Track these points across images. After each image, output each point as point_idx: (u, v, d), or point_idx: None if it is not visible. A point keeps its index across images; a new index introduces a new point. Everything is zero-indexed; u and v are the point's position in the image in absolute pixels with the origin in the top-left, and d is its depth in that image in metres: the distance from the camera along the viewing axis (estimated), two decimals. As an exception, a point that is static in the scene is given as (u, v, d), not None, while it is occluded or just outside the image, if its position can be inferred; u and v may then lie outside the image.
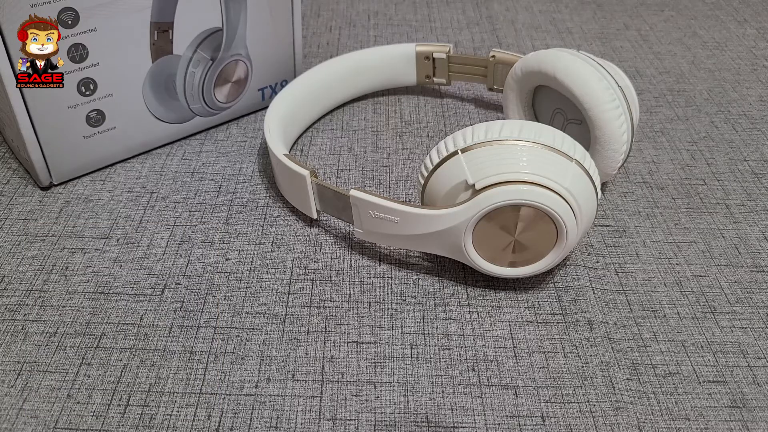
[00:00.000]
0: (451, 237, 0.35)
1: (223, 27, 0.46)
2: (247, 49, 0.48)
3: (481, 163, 0.34)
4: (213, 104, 0.49)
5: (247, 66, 0.49)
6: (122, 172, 0.45)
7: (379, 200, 0.36)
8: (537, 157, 0.34)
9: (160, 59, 0.44)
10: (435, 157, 0.36)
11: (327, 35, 0.62)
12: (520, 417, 0.32)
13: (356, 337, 0.35)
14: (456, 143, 0.35)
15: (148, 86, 0.45)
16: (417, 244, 0.38)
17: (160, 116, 0.46)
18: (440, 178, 0.36)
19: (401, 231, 0.37)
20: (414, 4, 0.68)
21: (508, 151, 0.34)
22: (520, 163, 0.34)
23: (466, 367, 0.34)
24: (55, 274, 0.38)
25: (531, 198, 0.33)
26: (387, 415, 0.32)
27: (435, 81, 0.53)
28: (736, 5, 0.70)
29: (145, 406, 0.32)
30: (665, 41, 0.63)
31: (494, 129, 0.35)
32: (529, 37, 0.63)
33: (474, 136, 0.35)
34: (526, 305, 0.37)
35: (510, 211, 0.34)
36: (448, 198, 0.36)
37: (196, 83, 0.47)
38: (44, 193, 0.43)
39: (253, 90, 0.50)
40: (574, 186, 0.34)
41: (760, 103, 0.55)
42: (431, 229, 0.36)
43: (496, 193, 0.34)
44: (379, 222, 0.37)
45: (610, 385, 0.33)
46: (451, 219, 0.35)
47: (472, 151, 0.35)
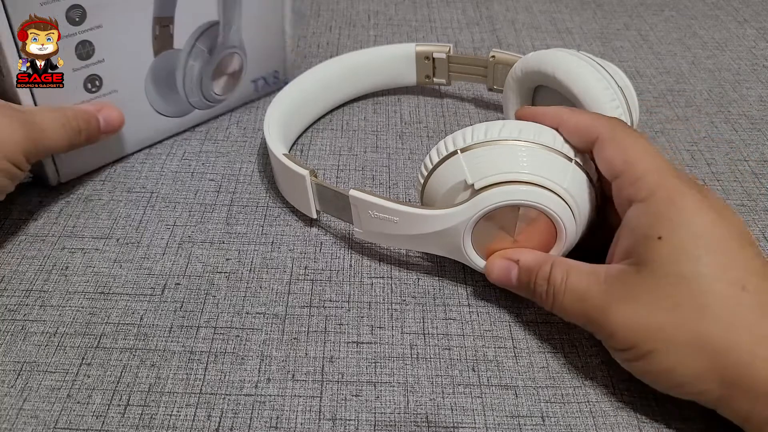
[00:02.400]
0: (451, 237, 0.35)
1: (220, 19, 0.46)
2: (241, 41, 0.48)
3: (480, 163, 0.34)
4: (210, 97, 0.49)
5: (241, 58, 0.49)
6: (122, 172, 0.45)
7: (378, 200, 0.36)
8: (536, 157, 0.34)
9: (161, 54, 0.44)
10: (435, 156, 0.36)
11: (327, 35, 0.62)
12: (520, 417, 0.32)
13: (356, 337, 0.35)
14: (456, 143, 0.35)
15: (150, 81, 0.45)
16: (417, 244, 0.38)
17: (161, 111, 0.47)
18: (440, 177, 0.36)
19: (401, 231, 0.36)
20: (414, 4, 0.68)
21: (507, 152, 0.34)
22: (519, 164, 0.34)
23: (466, 367, 0.34)
24: (55, 274, 0.38)
25: (530, 198, 0.33)
26: (387, 415, 0.32)
27: (435, 81, 0.53)
28: (736, 5, 0.70)
29: (145, 406, 0.32)
30: (665, 41, 0.63)
31: (494, 129, 0.35)
32: (529, 37, 0.63)
33: (474, 135, 0.35)
34: (526, 305, 0.37)
35: (509, 211, 0.34)
36: (447, 198, 0.36)
37: (195, 76, 0.47)
38: (44, 192, 0.43)
39: (247, 81, 0.51)
40: (574, 186, 0.34)
41: (760, 103, 0.55)
42: (430, 230, 0.36)
43: (494, 193, 0.33)
44: (379, 222, 0.37)
45: (610, 385, 0.33)
46: (449, 219, 0.35)
47: (472, 151, 0.35)
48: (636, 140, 0.33)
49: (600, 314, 0.31)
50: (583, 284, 0.32)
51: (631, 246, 0.31)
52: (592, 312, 0.31)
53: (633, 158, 0.32)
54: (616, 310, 0.30)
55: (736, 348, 0.28)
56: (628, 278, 0.30)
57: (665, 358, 0.29)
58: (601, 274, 0.32)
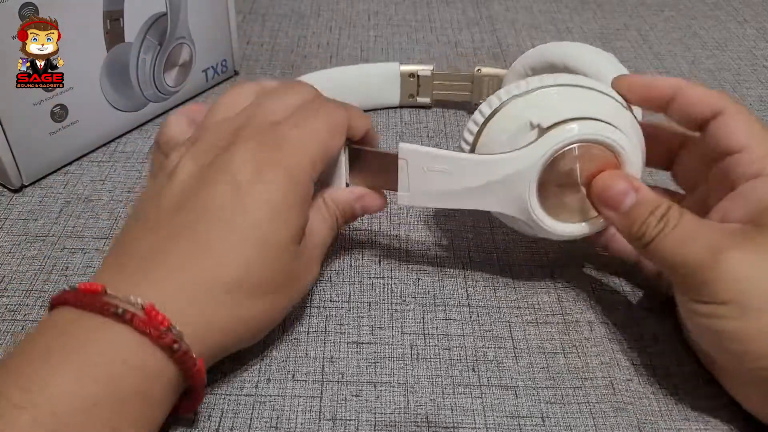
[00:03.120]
0: (515, 186, 0.33)
1: (167, 10, 0.47)
2: (189, 31, 0.49)
3: (543, 105, 0.33)
4: (164, 89, 0.50)
5: (191, 48, 0.50)
6: (122, 172, 0.45)
7: (438, 151, 0.33)
8: (598, 99, 0.33)
9: (114, 48, 0.45)
10: (486, 109, 0.34)
11: (327, 35, 0.62)
12: (520, 417, 0.32)
13: (356, 337, 0.35)
14: (510, 92, 0.34)
15: (105, 76, 0.45)
16: (475, 199, 0.34)
17: (117, 105, 0.47)
18: (496, 127, 0.34)
19: (460, 184, 0.34)
20: (414, 4, 0.68)
21: (569, 93, 0.33)
22: (584, 104, 0.33)
23: (466, 368, 0.34)
24: (55, 274, 0.38)
25: (604, 133, 0.32)
26: (387, 416, 0.32)
27: (419, 101, 0.52)
28: (736, 5, 0.70)
29: (145, 406, 0.32)
30: (665, 41, 0.63)
31: (549, 78, 0.34)
32: (529, 37, 0.63)
33: (529, 84, 0.34)
34: (526, 305, 0.37)
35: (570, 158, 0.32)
36: (509, 146, 0.33)
37: (148, 69, 0.47)
38: (44, 192, 0.43)
39: (198, 72, 0.52)
40: (634, 133, 0.34)
41: (760, 103, 0.55)
42: (496, 176, 0.33)
43: (565, 130, 0.32)
44: (434, 178, 0.34)
45: (610, 386, 0.33)
46: (518, 162, 0.32)
47: (528, 96, 0.33)
48: (758, 121, 0.33)
49: (709, 256, 0.29)
50: (699, 225, 0.30)
51: (753, 212, 0.31)
52: (699, 254, 0.29)
53: (760, 135, 0.32)
54: (731, 256, 0.28)
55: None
56: (751, 233, 0.29)
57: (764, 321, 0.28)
58: (715, 225, 0.31)
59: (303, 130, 0.32)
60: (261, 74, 0.56)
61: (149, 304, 0.27)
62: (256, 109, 0.34)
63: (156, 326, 0.26)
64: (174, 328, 0.27)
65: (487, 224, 0.42)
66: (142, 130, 0.49)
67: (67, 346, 0.26)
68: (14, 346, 0.27)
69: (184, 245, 0.29)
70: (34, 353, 0.26)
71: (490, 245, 0.41)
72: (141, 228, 0.31)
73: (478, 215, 0.43)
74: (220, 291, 0.29)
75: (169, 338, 0.27)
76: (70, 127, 0.44)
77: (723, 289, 0.28)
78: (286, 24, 0.64)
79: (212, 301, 0.29)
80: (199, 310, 0.28)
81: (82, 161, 0.46)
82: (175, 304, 0.28)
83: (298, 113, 0.33)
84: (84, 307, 0.27)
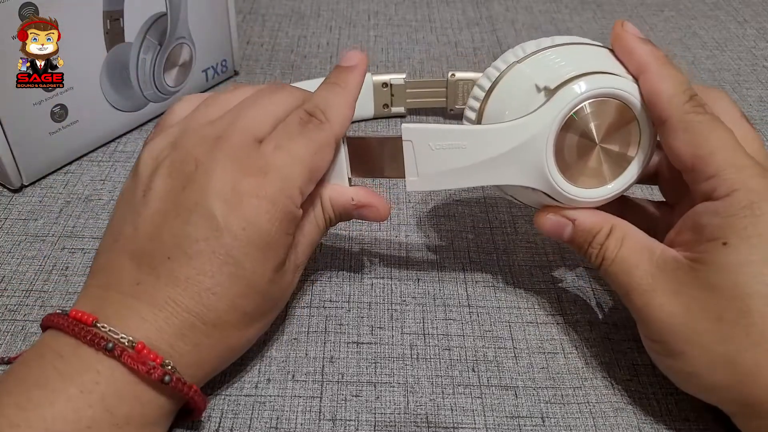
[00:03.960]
0: (531, 154, 0.31)
1: (167, 10, 0.47)
2: (189, 31, 0.49)
3: (546, 67, 0.31)
4: (164, 89, 0.49)
5: (191, 48, 0.50)
6: (122, 172, 0.45)
7: (442, 126, 0.32)
8: (600, 54, 0.32)
9: (114, 48, 0.45)
10: (485, 82, 0.33)
11: (327, 35, 0.62)
12: (520, 417, 0.32)
13: (356, 337, 0.35)
14: (507, 60, 0.32)
15: (105, 76, 0.45)
16: (489, 174, 0.32)
17: (117, 105, 0.47)
18: (500, 96, 0.32)
19: (470, 160, 0.31)
20: (414, 4, 0.68)
21: (570, 51, 0.32)
22: (588, 59, 0.31)
23: (466, 368, 0.34)
24: (55, 274, 0.38)
25: (617, 85, 0.30)
26: (387, 416, 0.32)
27: (393, 111, 0.51)
28: (736, 5, 0.70)
29: (145, 406, 0.32)
30: (665, 41, 0.63)
31: (546, 40, 0.32)
32: (529, 37, 0.63)
33: (525, 49, 0.32)
34: (526, 305, 0.37)
35: (583, 117, 0.31)
36: (516, 113, 0.31)
37: (148, 69, 0.47)
38: (44, 192, 0.43)
39: (198, 72, 0.52)
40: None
41: (760, 103, 0.55)
42: (507, 147, 0.31)
43: (574, 87, 0.30)
44: (442, 155, 0.32)
45: (610, 386, 0.33)
46: (529, 127, 0.30)
47: (529, 60, 0.32)
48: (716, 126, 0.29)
49: (641, 297, 0.30)
50: (634, 259, 0.30)
51: (693, 241, 0.29)
52: (634, 291, 0.30)
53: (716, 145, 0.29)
54: (659, 301, 0.29)
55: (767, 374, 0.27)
56: (680, 273, 0.29)
57: (694, 363, 0.28)
58: (655, 253, 0.30)
59: (288, 153, 0.31)
60: (261, 74, 0.56)
61: (140, 342, 0.27)
62: (239, 113, 0.32)
63: (144, 362, 0.27)
64: (167, 365, 0.27)
65: (487, 224, 0.42)
66: (142, 130, 0.49)
67: (63, 374, 0.26)
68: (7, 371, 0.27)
69: (164, 283, 0.28)
70: (30, 378, 0.26)
71: (490, 245, 0.41)
72: (120, 251, 0.30)
73: (478, 215, 0.43)
74: (208, 326, 0.29)
75: (158, 373, 0.27)
76: (70, 127, 0.44)
77: (656, 330, 0.30)
78: (286, 24, 0.64)
79: (202, 335, 0.29)
80: (190, 343, 0.29)
81: (82, 161, 0.46)
82: (165, 340, 0.28)
83: (282, 131, 0.31)
84: (75, 336, 0.27)
